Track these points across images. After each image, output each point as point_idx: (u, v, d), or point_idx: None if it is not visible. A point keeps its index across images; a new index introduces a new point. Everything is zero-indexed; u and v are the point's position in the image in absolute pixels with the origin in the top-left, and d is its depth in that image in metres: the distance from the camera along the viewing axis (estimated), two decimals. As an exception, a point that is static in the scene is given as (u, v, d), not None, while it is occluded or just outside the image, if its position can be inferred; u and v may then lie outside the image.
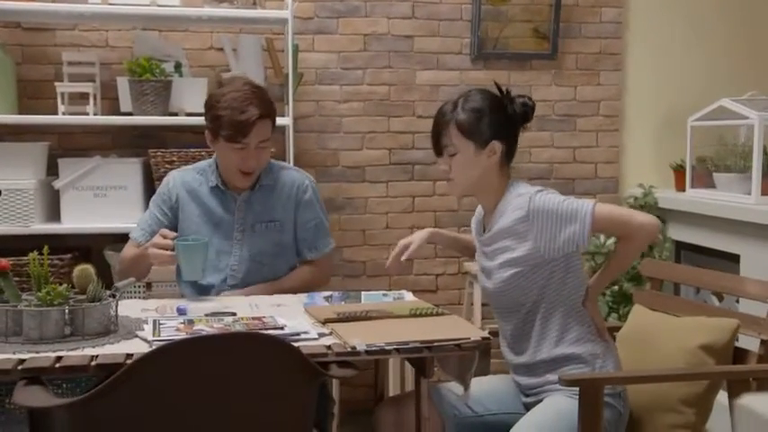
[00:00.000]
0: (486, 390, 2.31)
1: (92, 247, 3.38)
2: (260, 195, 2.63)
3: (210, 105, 2.53)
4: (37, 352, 1.81)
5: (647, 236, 2.17)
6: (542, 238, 2.11)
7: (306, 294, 2.49)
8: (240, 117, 2.45)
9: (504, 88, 2.24)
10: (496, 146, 2.18)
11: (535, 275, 2.15)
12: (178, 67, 3.39)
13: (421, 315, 2.19)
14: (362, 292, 2.50)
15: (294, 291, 2.55)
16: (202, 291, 2.58)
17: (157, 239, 2.43)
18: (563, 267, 2.16)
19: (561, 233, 2.10)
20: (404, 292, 2.56)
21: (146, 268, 2.57)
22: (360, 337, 1.92)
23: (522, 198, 2.15)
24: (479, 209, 2.38)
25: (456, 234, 2.61)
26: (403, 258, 2.37)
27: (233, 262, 2.60)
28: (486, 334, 2.00)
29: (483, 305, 3.54)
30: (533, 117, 2.26)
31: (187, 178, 2.66)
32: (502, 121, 2.20)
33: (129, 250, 2.63)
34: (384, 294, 2.51)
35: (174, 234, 2.47)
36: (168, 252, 2.40)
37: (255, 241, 2.61)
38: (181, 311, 2.21)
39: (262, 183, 2.63)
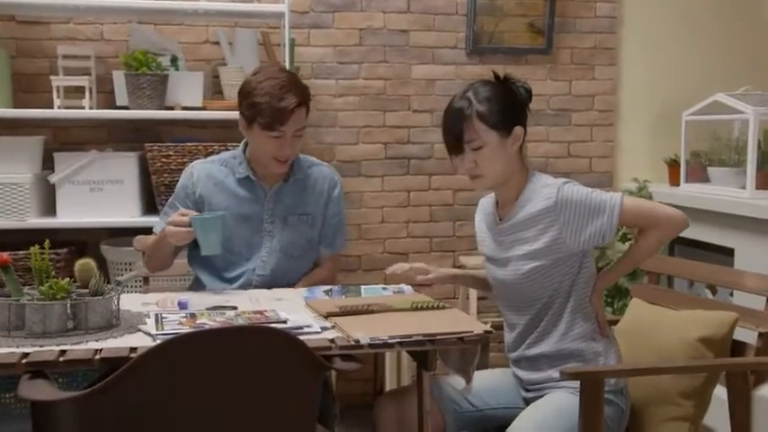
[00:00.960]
0: (487, 384, 2.31)
1: (88, 242, 3.37)
2: (292, 188, 2.61)
3: (246, 93, 2.47)
4: (41, 346, 1.80)
5: (673, 228, 2.16)
6: (568, 228, 2.11)
7: (305, 288, 2.49)
8: (279, 104, 2.41)
9: (501, 75, 2.23)
10: (519, 131, 2.18)
11: (554, 271, 2.15)
12: (174, 60, 3.37)
13: (422, 309, 2.19)
14: (362, 286, 2.49)
15: None
16: (227, 282, 2.57)
17: (174, 217, 2.42)
18: (578, 262, 2.17)
19: (589, 225, 2.10)
20: (403, 285, 2.55)
21: (168, 254, 2.56)
22: (363, 331, 1.92)
23: (549, 189, 2.14)
24: (485, 201, 2.38)
25: (474, 272, 2.59)
26: (419, 278, 2.36)
27: (263, 253, 2.58)
28: (488, 327, 1.99)
29: (479, 299, 3.55)
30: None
31: (212, 170, 2.61)
32: (516, 105, 2.20)
33: (151, 238, 2.63)
34: (383, 288, 2.51)
35: (194, 213, 2.44)
36: (185, 228, 2.38)
37: (287, 233, 2.59)
38: (182, 305, 2.21)
39: (295, 176, 2.61)
